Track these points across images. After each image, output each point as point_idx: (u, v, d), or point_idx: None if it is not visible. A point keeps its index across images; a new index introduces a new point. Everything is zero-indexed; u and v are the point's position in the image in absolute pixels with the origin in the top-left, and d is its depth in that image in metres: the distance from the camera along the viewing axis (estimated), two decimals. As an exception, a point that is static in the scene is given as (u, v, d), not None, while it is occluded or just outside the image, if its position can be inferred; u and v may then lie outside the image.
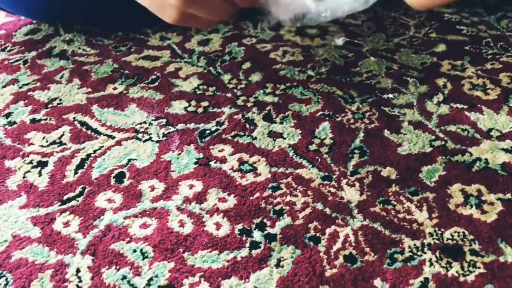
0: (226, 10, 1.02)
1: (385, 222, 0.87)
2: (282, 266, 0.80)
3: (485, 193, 0.93)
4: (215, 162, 1.02)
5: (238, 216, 0.89)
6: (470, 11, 1.67)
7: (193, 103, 1.20)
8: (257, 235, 0.85)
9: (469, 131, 1.09)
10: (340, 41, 1.48)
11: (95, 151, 1.05)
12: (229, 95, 1.24)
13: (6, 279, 0.77)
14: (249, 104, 1.20)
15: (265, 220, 0.88)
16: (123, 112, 1.18)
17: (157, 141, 1.08)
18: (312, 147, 1.05)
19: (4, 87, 1.29)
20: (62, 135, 1.10)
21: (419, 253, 0.81)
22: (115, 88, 1.27)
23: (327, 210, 0.90)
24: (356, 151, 1.04)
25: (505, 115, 1.14)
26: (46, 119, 1.16)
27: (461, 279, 0.77)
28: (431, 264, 0.79)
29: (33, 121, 1.15)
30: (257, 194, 0.93)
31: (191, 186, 0.96)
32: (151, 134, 1.10)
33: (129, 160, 1.03)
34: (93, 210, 0.90)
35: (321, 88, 1.26)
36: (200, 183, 0.96)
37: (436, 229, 0.85)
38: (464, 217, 0.88)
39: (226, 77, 1.31)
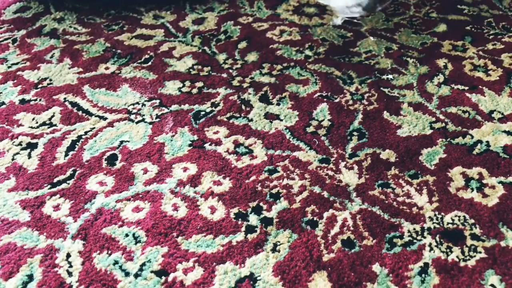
0: None
1: (384, 205, 0.85)
2: (279, 251, 0.78)
3: (486, 176, 0.91)
4: (210, 144, 0.99)
5: (234, 200, 0.87)
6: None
7: (187, 83, 1.17)
8: (253, 219, 0.83)
9: (470, 113, 1.07)
10: (338, 20, 1.45)
11: (86, 133, 1.02)
12: (224, 75, 1.20)
13: (-6, 264, 0.76)
14: (245, 85, 1.17)
15: (261, 204, 0.86)
16: (115, 93, 1.15)
17: (150, 123, 1.05)
18: (310, 129, 1.03)
19: (-8, 66, 1.25)
20: (52, 116, 1.07)
21: (418, 237, 0.79)
22: (107, 68, 1.24)
23: (325, 194, 0.88)
24: (354, 133, 1.02)
25: (507, 96, 1.11)
26: (35, 100, 1.12)
27: (462, 264, 0.75)
28: (431, 249, 0.77)
29: (23, 101, 1.12)
30: (253, 177, 0.91)
31: (185, 169, 0.93)
32: (144, 115, 1.07)
33: (122, 142, 1.00)
34: (84, 193, 0.88)
35: (319, 69, 1.23)
36: (194, 166, 0.94)
37: (436, 213, 0.84)
38: (464, 201, 0.86)
39: (221, 57, 1.28)
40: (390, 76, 1.19)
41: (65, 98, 1.13)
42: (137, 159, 0.95)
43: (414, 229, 0.81)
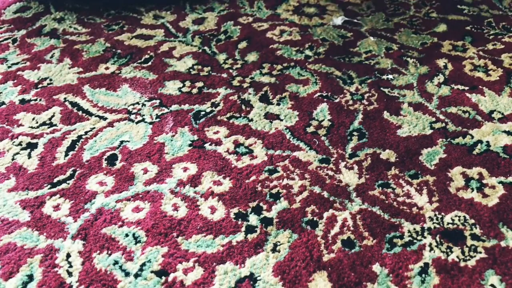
0: None
1: (384, 206, 0.85)
2: (279, 251, 0.78)
3: (487, 176, 0.91)
4: (210, 144, 0.99)
5: (234, 200, 0.87)
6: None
7: (188, 83, 1.17)
8: (253, 219, 0.83)
9: (470, 113, 1.07)
10: (339, 20, 1.45)
11: (86, 133, 1.02)
12: (224, 75, 1.20)
13: (-6, 264, 0.76)
14: (245, 85, 1.17)
15: (261, 204, 0.86)
16: (115, 93, 1.15)
17: (150, 123, 1.05)
18: (310, 129, 1.03)
19: (-8, 66, 1.25)
20: (53, 116, 1.07)
21: (419, 237, 0.79)
22: (107, 68, 1.24)
23: (325, 194, 0.88)
24: (354, 133, 1.01)
25: (507, 96, 1.11)
26: (36, 100, 1.12)
27: (462, 264, 0.75)
28: (431, 249, 0.77)
29: (23, 101, 1.12)
30: (253, 177, 0.91)
31: (185, 169, 0.93)
32: (144, 115, 1.07)
33: (122, 142, 1.00)
34: (84, 193, 0.88)
35: (319, 69, 1.23)
36: (194, 166, 0.94)
37: (437, 213, 0.84)
38: (465, 201, 0.86)
39: (221, 57, 1.28)
40: (390, 76, 1.19)
41: (65, 98, 1.13)
42: (137, 159, 0.95)
43: (414, 229, 0.81)
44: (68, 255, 0.77)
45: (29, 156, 0.96)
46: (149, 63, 1.25)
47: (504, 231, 0.80)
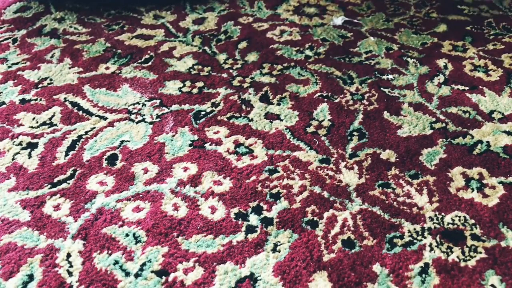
0: None
1: (385, 206, 0.85)
2: (279, 251, 0.78)
3: (487, 176, 0.91)
4: (210, 144, 0.99)
5: (234, 200, 0.87)
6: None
7: (188, 83, 1.17)
8: (253, 219, 0.83)
9: (470, 113, 1.07)
10: (339, 20, 1.45)
11: (86, 133, 1.02)
12: (224, 75, 1.20)
13: (-5, 264, 0.76)
14: (245, 85, 1.17)
15: (261, 204, 0.86)
16: (116, 93, 1.15)
17: (150, 123, 1.05)
18: (310, 129, 1.03)
19: (-8, 66, 1.25)
20: (53, 116, 1.07)
21: (419, 237, 0.79)
22: (107, 68, 1.24)
23: (325, 194, 0.88)
24: (355, 133, 1.01)
25: (507, 96, 1.11)
26: (36, 99, 1.12)
27: (462, 264, 0.75)
28: (431, 249, 0.77)
29: (23, 101, 1.12)
30: (254, 177, 0.91)
31: (185, 169, 0.93)
32: (144, 115, 1.07)
33: (122, 141, 1.00)
34: (85, 193, 0.88)
35: (319, 69, 1.23)
36: (194, 166, 0.94)
37: (437, 213, 0.84)
38: (465, 201, 0.86)
39: (221, 57, 1.28)
40: (390, 76, 1.19)
41: (65, 98, 1.13)
42: (137, 159, 0.95)
43: (415, 229, 0.81)
44: (69, 255, 0.77)
45: (30, 156, 0.96)
46: (149, 63, 1.25)
47: (504, 231, 0.80)
